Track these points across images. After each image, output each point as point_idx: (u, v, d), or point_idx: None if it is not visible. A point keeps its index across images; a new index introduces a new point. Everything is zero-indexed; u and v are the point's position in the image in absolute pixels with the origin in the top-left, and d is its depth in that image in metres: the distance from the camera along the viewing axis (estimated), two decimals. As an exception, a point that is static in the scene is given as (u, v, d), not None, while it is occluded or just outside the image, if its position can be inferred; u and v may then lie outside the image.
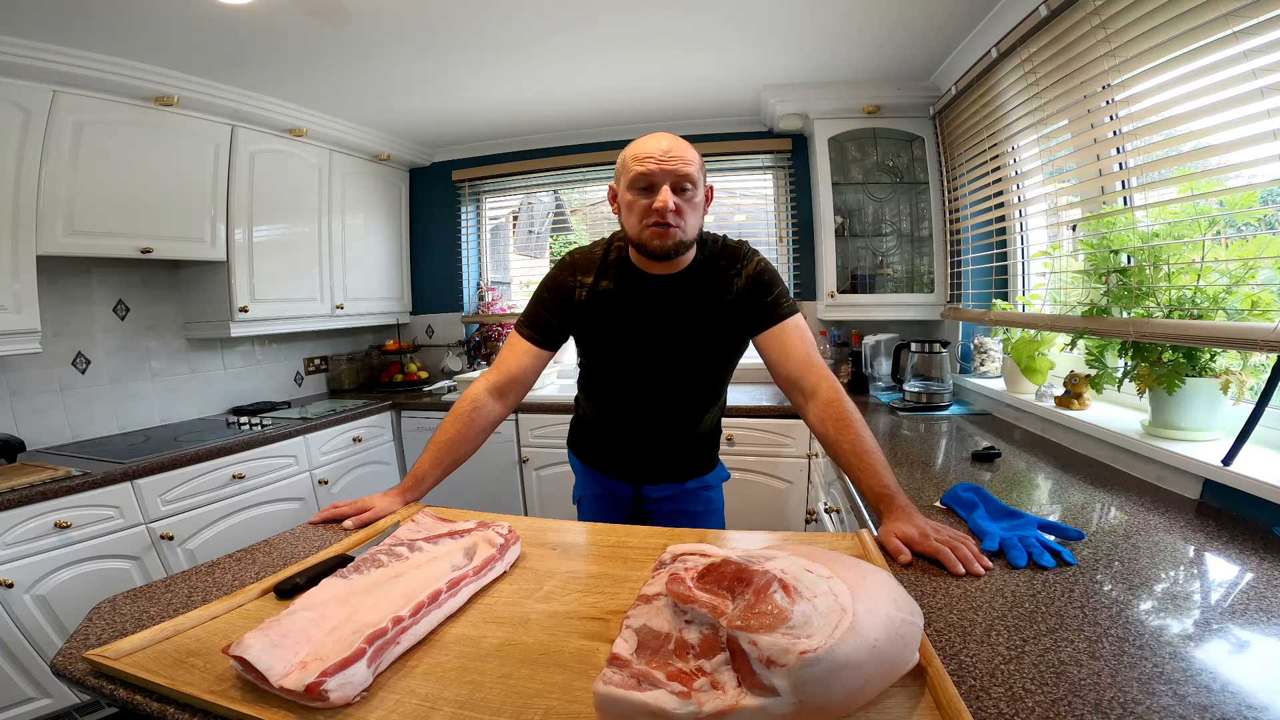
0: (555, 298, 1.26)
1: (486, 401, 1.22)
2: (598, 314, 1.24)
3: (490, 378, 1.24)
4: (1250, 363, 1.22)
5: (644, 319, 1.22)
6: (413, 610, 0.69)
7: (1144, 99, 1.38)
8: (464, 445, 1.19)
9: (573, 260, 1.27)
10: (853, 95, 2.58)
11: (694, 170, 1.11)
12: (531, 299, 1.29)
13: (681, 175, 1.09)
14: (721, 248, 1.24)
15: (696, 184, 1.12)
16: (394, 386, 3.29)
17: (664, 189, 1.09)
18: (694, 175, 1.11)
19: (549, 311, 1.26)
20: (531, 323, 1.26)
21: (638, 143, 1.13)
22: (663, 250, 1.12)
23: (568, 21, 2.02)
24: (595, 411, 1.40)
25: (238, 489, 2.19)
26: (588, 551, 0.98)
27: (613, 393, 1.33)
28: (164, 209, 2.24)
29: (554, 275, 1.27)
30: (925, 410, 2.20)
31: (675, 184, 1.10)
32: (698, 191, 1.13)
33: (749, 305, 1.20)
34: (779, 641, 0.51)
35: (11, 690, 1.65)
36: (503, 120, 3.04)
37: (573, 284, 1.25)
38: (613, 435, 1.38)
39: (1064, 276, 1.84)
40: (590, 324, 1.26)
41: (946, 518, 1.09)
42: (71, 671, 0.67)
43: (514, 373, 1.24)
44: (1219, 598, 0.80)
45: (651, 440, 1.34)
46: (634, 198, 1.12)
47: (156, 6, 1.75)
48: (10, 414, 2.06)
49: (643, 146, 1.11)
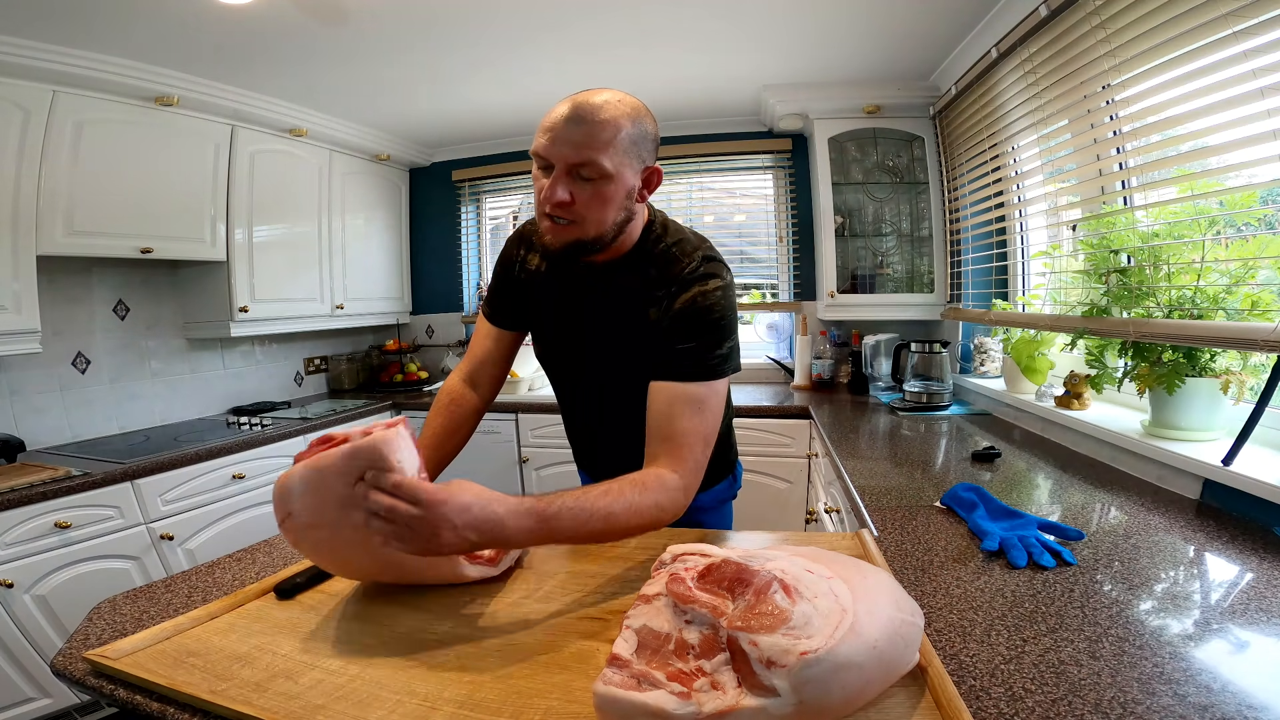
0: (501, 271, 1.12)
1: (462, 391, 1.11)
2: (529, 295, 1.08)
3: (462, 367, 1.14)
4: (1250, 363, 1.22)
5: (562, 311, 1.04)
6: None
7: (1144, 99, 1.38)
8: (452, 437, 1.08)
9: (523, 230, 1.11)
10: (853, 95, 2.58)
11: (603, 155, 0.83)
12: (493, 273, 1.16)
13: (581, 161, 0.83)
14: (666, 248, 0.96)
15: (607, 171, 0.84)
16: (394, 386, 3.29)
17: (555, 175, 0.85)
18: (600, 162, 0.83)
19: (497, 285, 1.12)
20: (489, 298, 1.14)
21: (554, 106, 0.87)
22: (552, 249, 0.90)
23: (568, 21, 2.01)
24: (566, 418, 1.23)
25: (238, 489, 2.19)
26: (588, 551, 0.98)
27: (558, 387, 1.19)
28: (164, 209, 2.24)
29: (505, 247, 1.13)
30: (925, 410, 2.20)
31: (571, 168, 0.84)
32: (612, 183, 0.85)
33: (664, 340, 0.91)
34: (779, 642, 0.51)
35: (11, 690, 1.65)
36: (503, 120, 3.04)
37: (516, 257, 1.09)
38: (580, 437, 1.23)
39: (1064, 276, 1.84)
40: (527, 310, 1.10)
41: (947, 518, 1.09)
42: (71, 671, 0.67)
43: (479, 357, 1.13)
44: (1219, 598, 0.80)
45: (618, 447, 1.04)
46: (536, 174, 0.89)
47: (156, 6, 1.75)
48: (10, 414, 2.06)
49: (551, 114, 0.85)
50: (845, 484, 1.40)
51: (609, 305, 0.98)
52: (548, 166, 0.86)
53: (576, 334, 1.04)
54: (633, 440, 0.92)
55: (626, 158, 0.86)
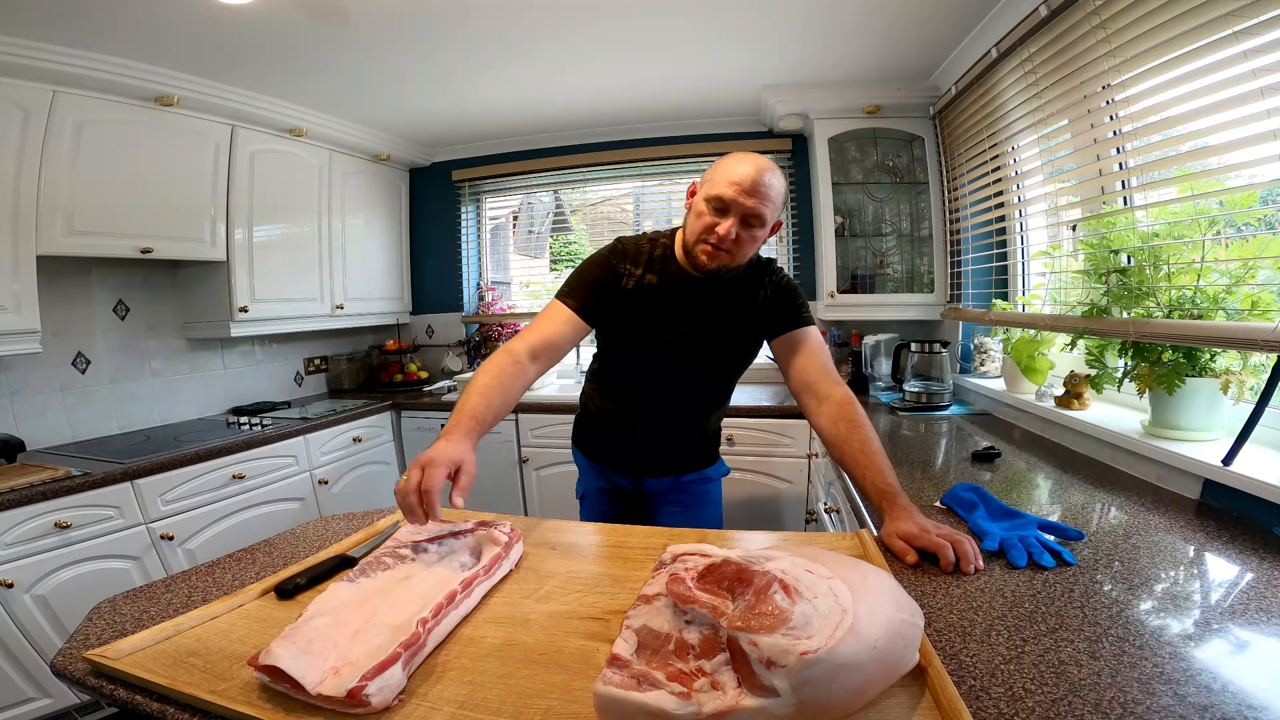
0: (605, 278, 1.27)
1: (526, 360, 1.17)
2: (638, 305, 1.27)
3: (528, 339, 1.19)
4: (1250, 363, 1.22)
5: (679, 316, 1.27)
6: (434, 611, 0.69)
7: (1144, 99, 1.38)
8: (506, 394, 1.11)
9: (623, 248, 1.29)
10: (853, 95, 2.58)
11: (770, 211, 1.15)
12: (577, 273, 1.28)
13: (756, 214, 1.13)
14: (754, 261, 1.29)
15: (766, 222, 1.16)
16: (394, 386, 3.29)
17: (732, 219, 1.12)
18: (767, 215, 1.15)
19: (597, 288, 1.26)
20: (578, 294, 1.25)
21: (736, 161, 1.14)
22: (706, 269, 1.19)
23: (568, 22, 2.01)
24: (609, 403, 1.42)
25: (238, 489, 2.19)
26: (588, 551, 0.98)
27: (633, 385, 1.35)
28: (164, 209, 2.24)
29: (605, 257, 1.28)
30: (925, 410, 2.20)
31: (746, 217, 1.13)
32: (765, 230, 1.17)
33: (774, 310, 1.27)
34: (779, 642, 0.51)
35: (11, 690, 1.65)
36: (503, 120, 3.04)
37: (622, 270, 1.27)
38: (623, 428, 1.41)
39: (1064, 276, 1.84)
40: (629, 314, 1.27)
41: (946, 518, 1.09)
42: (71, 671, 0.67)
43: (551, 338, 1.21)
44: (1219, 598, 0.80)
45: (661, 435, 1.39)
46: (705, 210, 1.15)
47: (156, 6, 1.75)
48: (10, 414, 2.06)
49: (737, 169, 1.12)
50: (845, 484, 1.39)
51: (730, 301, 1.27)
52: (722, 208, 1.13)
53: (699, 329, 1.27)
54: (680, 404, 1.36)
55: (776, 210, 1.18)
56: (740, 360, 1.35)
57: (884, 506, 0.98)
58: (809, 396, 1.21)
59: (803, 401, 1.23)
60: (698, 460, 1.45)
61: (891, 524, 0.94)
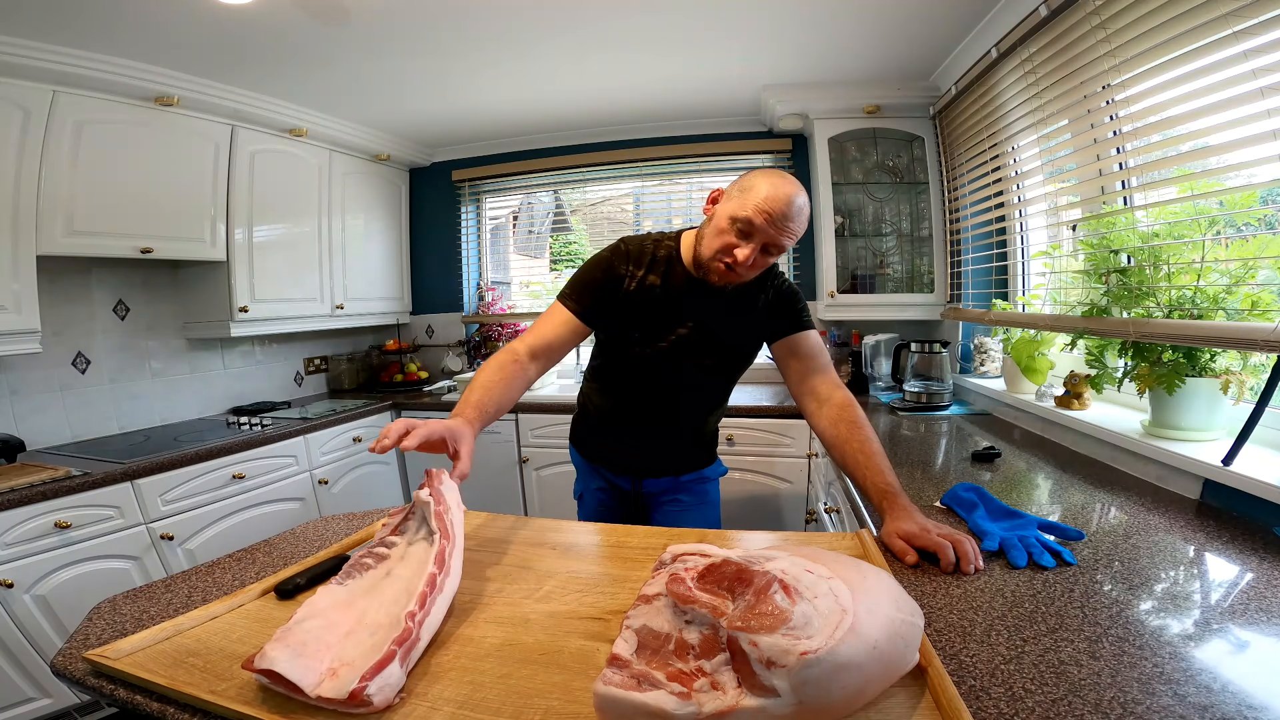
0: (606, 280, 1.26)
1: (526, 360, 1.19)
2: (639, 306, 1.26)
3: (529, 339, 1.22)
4: (1250, 363, 1.22)
5: (681, 318, 1.27)
6: (419, 602, 0.69)
7: (1144, 99, 1.38)
8: (508, 391, 1.13)
9: (625, 249, 1.29)
10: (853, 95, 2.58)
11: (791, 243, 1.15)
12: (579, 274, 1.28)
13: (778, 245, 1.13)
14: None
15: (785, 250, 1.20)
16: (394, 386, 3.29)
17: (754, 246, 1.12)
18: (788, 246, 1.17)
19: (597, 290, 1.26)
20: (578, 296, 1.25)
21: (770, 186, 1.10)
22: (716, 285, 1.20)
23: (568, 22, 2.01)
24: (608, 403, 1.42)
25: (238, 489, 2.18)
26: (588, 551, 0.98)
27: (632, 385, 1.35)
28: (164, 209, 2.24)
29: (606, 259, 1.28)
30: (925, 410, 2.20)
31: (767, 245, 1.13)
32: (781, 256, 1.22)
33: (775, 314, 1.27)
34: (779, 642, 0.51)
35: (11, 690, 1.65)
36: (503, 120, 3.04)
37: (624, 272, 1.27)
38: (622, 428, 1.41)
39: (1064, 276, 1.84)
40: (630, 314, 1.27)
41: (947, 518, 1.09)
42: (71, 671, 0.67)
43: (550, 340, 1.22)
44: (1219, 598, 0.80)
45: (659, 435, 1.39)
46: (727, 228, 1.14)
47: (156, 6, 1.75)
48: (10, 414, 2.06)
49: (770, 196, 1.09)
50: (845, 484, 1.39)
51: (732, 304, 1.27)
52: (746, 232, 1.12)
53: (701, 331, 1.27)
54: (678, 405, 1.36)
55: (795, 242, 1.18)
56: (740, 362, 1.36)
57: (884, 506, 0.98)
58: (809, 399, 1.22)
59: (803, 404, 1.24)
60: (696, 460, 1.46)
61: (892, 524, 0.94)
